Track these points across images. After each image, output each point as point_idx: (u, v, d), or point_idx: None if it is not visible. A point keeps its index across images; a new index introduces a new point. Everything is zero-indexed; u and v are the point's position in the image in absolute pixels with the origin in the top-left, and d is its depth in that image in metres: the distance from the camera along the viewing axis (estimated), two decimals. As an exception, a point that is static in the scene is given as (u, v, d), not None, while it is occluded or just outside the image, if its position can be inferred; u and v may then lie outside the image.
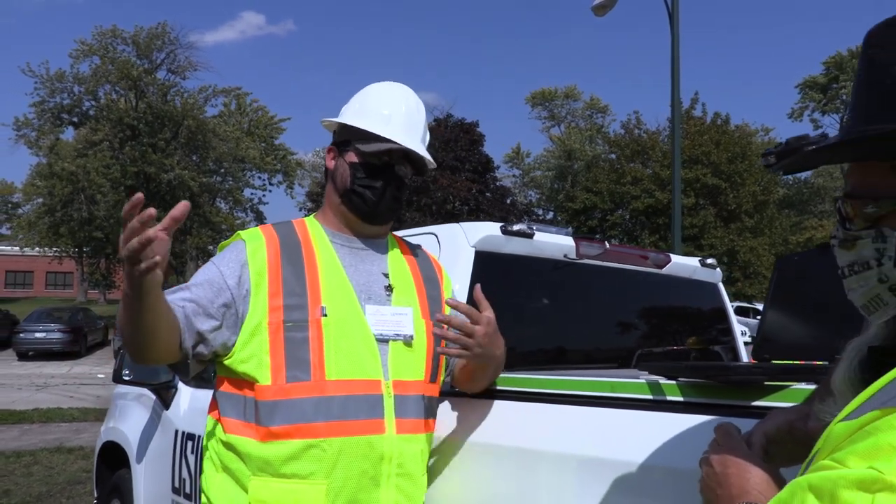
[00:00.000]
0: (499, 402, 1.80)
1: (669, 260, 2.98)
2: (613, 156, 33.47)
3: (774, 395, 1.34)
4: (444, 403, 1.86)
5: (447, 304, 1.67)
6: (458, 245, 2.30)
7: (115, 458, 3.63)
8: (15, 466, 6.81)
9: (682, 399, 1.49)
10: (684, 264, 3.10)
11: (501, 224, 2.40)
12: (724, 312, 3.33)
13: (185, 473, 2.74)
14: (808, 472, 0.63)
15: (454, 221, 2.48)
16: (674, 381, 1.51)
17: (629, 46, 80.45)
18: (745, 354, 3.38)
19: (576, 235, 2.63)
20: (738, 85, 77.42)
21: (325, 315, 1.55)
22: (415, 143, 1.69)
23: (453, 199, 24.95)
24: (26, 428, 9.18)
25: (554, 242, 2.54)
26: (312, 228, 1.72)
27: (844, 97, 38.92)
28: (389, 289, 1.69)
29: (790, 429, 0.97)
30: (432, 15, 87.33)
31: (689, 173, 26.99)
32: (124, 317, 1.38)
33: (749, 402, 1.37)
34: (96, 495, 3.97)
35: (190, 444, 2.74)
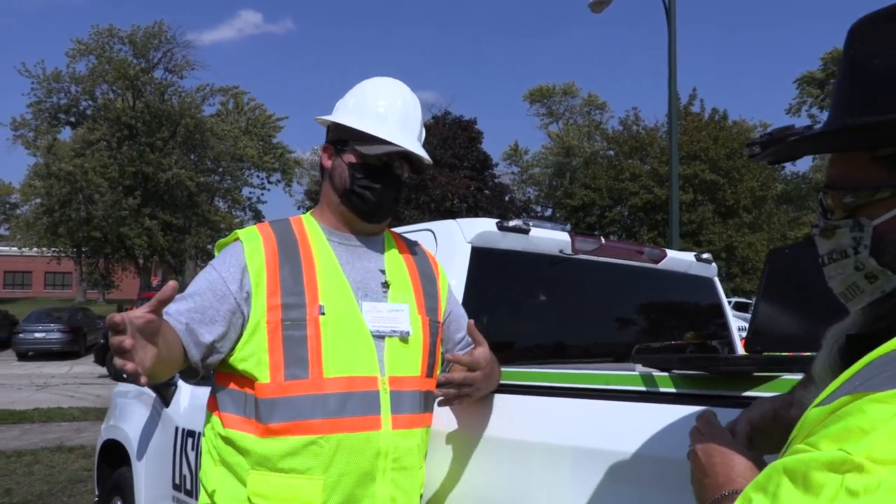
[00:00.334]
0: (495, 396, 1.82)
1: (665, 255, 3.00)
2: (612, 152, 33.48)
3: (764, 386, 1.36)
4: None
5: (446, 358, 1.70)
6: (454, 241, 2.32)
7: (115, 457, 3.65)
8: (16, 466, 6.83)
9: (674, 391, 1.51)
10: (680, 259, 3.12)
11: (497, 220, 2.42)
12: (720, 307, 3.35)
13: (185, 470, 2.76)
14: (784, 456, 0.65)
15: (452, 219, 2.49)
16: (666, 373, 1.53)
17: (627, 43, 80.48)
18: (742, 349, 3.40)
19: (573, 232, 2.65)
20: (735, 81, 77.44)
21: (323, 314, 1.57)
22: (412, 142, 1.69)
23: (452, 197, 24.96)
24: (27, 428, 9.19)
25: (550, 238, 2.55)
26: (309, 226, 1.73)
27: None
28: (386, 285, 1.70)
29: (775, 416, 0.99)
30: (431, 13, 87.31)
31: (687, 169, 27.01)
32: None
33: (740, 392, 1.39)
34: (97, 493, 3.99)
35: (190, 440, 2.76)
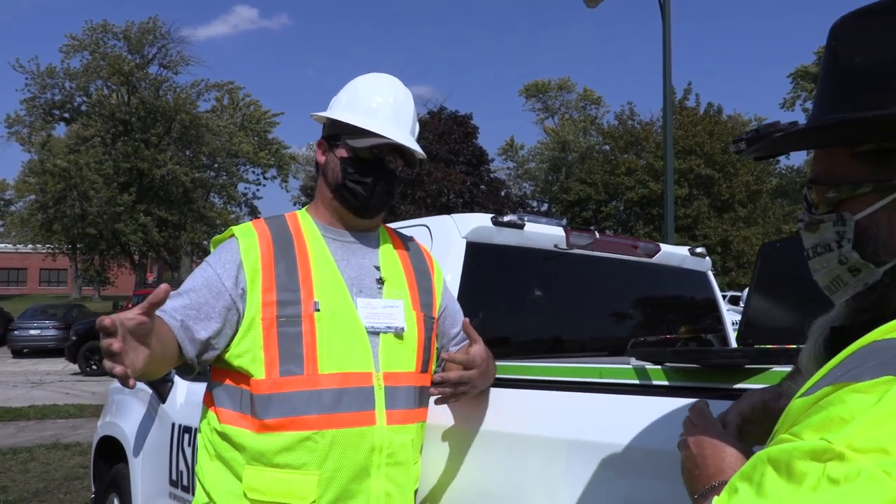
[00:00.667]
0: (490, 390, 1.83)
1: (659, 249, 3.01)
2: (607, 147, 33.54)
3: (756, 378, 1.37)
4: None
5: (443, 358, 1.72)
6: (449, 236, 2.32)
7: (112, 453, 3.65)
8: (12, 463, 6.82)
9: (667, 383, 1.52)
10: (674, 253, 3.13)
11: (492, 215, 2.43)
12: (714, 301, 3.37)
13: (182, 466, 2.77)
14: (769, 446, 0.66)
15: (448, 214, 2.50)
16: (659, 367, 1.55)
17: (622, 38, 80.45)
18: (736, 342, 3.42)
19: (568, 227, 2.66)
20: (730, 75, 77.59)
21: (318, 310, 1.57)
22: (404, 135, 1.69)
23: (448, 192, 24.94)
24: (22, 425, 9.18)
25: (544, 233, 2.56)
26: (304, 222, 1.73)
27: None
28: (381, 282, 1.70)
29: (765, 407, 1.00)
30: (427, 9, 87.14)
31: (682, 164, 27.06)
32: None
33: (731, 384, 1.40)
34: (94, 490, 3.99)
35: (187, 436, 2.76)
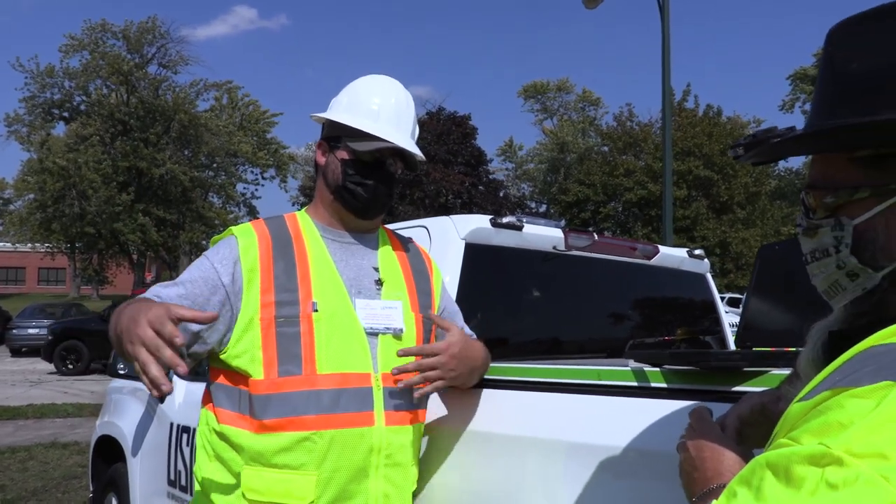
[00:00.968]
0: (488, 391, 1.83)
1: (657, 251, 3.01)
2: (606, 148, 33.57)
3: (754, 381, 1.38)
4: (434, 393, 1.89)
5: (398, 355, 1.64)
6: (448, 238, 2.33)
7: (110, 453, 3.65)
8: (10, 462, 6.81)
9: (665, 385, 1.52)
10: (672, 255, 3.13)
11: (491, 217, 2.43)
12: (712, 303, 3.37)
13: (180, 466, 2.77)
14: (768, 450, 0.67)
15: (447, 215, 2.50)
16: (658, 369, 1.55)
17: (621, 39, 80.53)
18: (734, 344, 3.42)
19: (566, 228, 2.66)
20: (730, 77, 77.67)
21: (317, 311, 1.57)
22: (405, 139, 1.70)
23: (446, 193, 24.95)
24: (21, 424, 9.17)
25: (543, 234, 2.57)
26: (304, 223, 1.73)
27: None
28: (379, 283, 1.71)
29: (763, 411, 1.01)
30: (426, 9, 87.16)
31: (681, 165, 27.09)
32: (118, 349, 1.39)
33: (730, 387, 1.41)
34: (92, 489, 3.99)
35: (185, 436, 2.76)
